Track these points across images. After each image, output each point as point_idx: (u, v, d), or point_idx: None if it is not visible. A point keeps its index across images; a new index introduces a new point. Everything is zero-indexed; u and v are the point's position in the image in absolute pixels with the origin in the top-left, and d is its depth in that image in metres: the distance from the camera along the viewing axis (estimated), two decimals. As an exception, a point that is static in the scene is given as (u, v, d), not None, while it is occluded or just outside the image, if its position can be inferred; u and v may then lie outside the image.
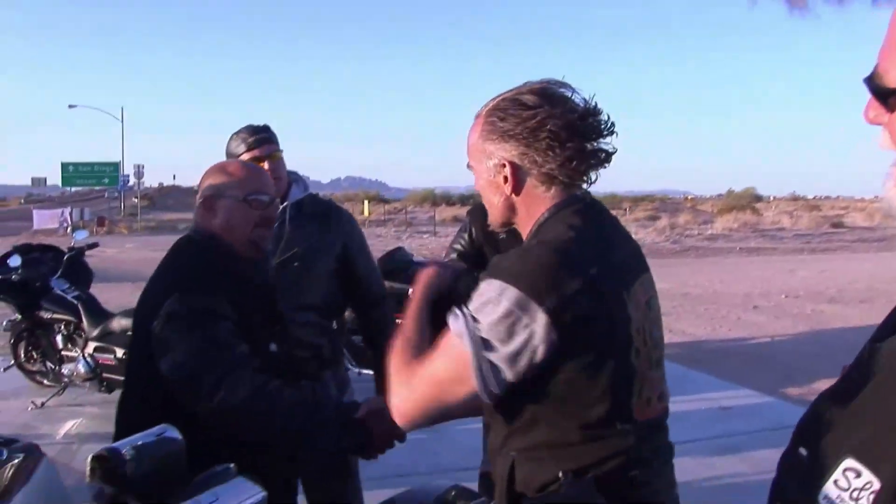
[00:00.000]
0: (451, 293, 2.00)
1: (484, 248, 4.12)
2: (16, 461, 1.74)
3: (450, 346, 1.67)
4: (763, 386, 8.07)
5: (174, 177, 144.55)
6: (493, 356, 1.61)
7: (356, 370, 6.99)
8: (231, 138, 3.29)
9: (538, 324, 1.59)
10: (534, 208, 1.82)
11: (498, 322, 1.60)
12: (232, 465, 1.55)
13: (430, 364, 1.70)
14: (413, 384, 1.72)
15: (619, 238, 1.84)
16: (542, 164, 1.76)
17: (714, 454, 5.85)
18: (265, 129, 3.29)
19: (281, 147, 3.32)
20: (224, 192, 2.38)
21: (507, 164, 1.79)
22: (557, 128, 1.72)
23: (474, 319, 1.63)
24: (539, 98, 1.76)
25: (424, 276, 2.06)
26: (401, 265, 7.26)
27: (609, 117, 1.79)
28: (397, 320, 2.19)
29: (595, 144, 1.78)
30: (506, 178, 1.81)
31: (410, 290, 2.03)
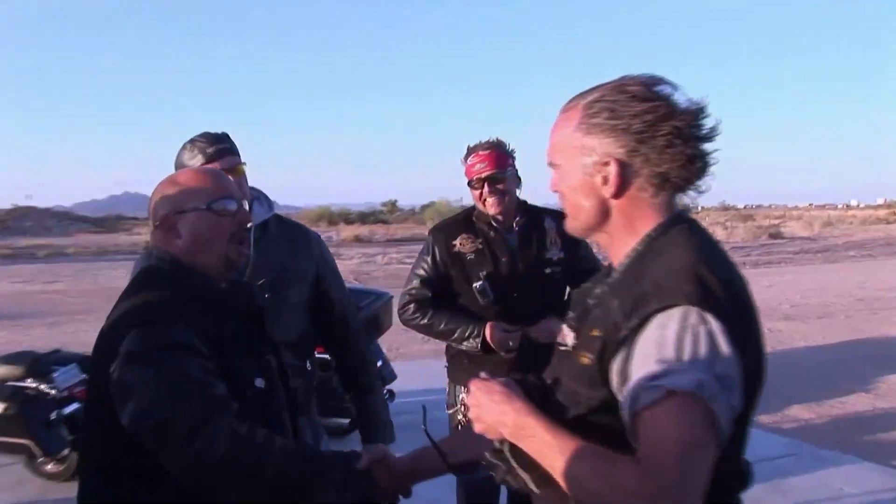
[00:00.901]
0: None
1: (450, 272, 4.09)
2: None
3: (680, 406, 1.53)
4: (734, 414, 8.11)
5: (29, 197, 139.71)
6: (729, 395, 1.58)
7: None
8: (184, 149, 3.14)
9: (736, 347, 1.59)
10: (636, 216, 1.81)
11: (712, 353, 1.57)
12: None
13: (665, 440, 1.52)
14: (664, 472, 1.49)
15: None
16: (657, 163, 1.75)
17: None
18: (225, 138, 3.17)
19: (243, 160, 3.18)
20: (183, 206, 2.28)
21: (612, 161, 1.77)
22: (683, 124, 1.72)
23: (692, 362, 1.55)
24: (650, 92, 1.76)
25: (513, 397, 1.80)
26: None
27: (717, 121, 1.78)
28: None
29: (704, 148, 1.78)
30: (606, 179, 1.79)
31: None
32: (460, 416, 4.10)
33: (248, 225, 2.40)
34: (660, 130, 1.72)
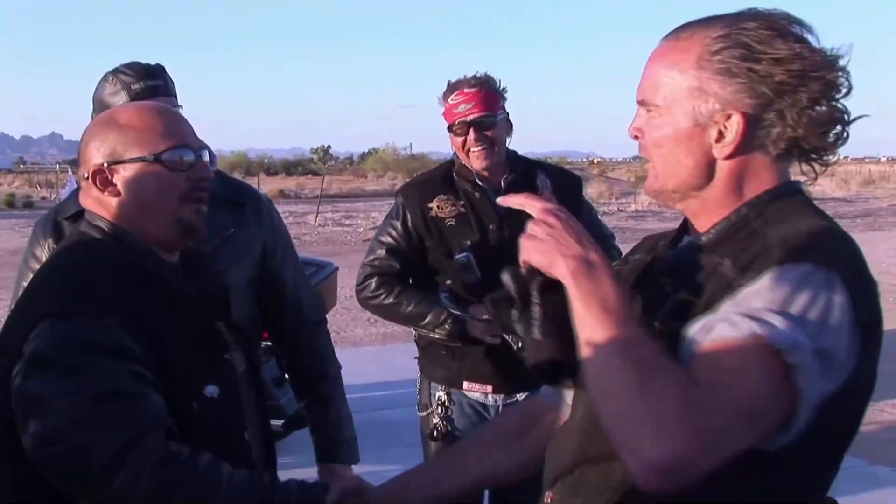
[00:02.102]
0: None
1: (425, 242, 4.08)
2: None
3: (761, 357, 1.51)
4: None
5: None
6: (824, 378, 1.56)
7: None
8: (105, 80, 3.08)
9: (857, 333, 1.60)
10: (747, 179, 1.80)
11: (824, 321, 1.55)
12: None
13: (731, 381, 1.51)
14: (714, 413, 1.49)
15: None
16: (794, 124, 1.71)
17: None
18: (160, 72, 3.09)
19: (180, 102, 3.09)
20: (122, 154, 2.17)
21: (737, 114, 1.73)
22: (835, 79, 1.71)
23: (798, 319, 1.52)
24: (797, 34, 1.73)
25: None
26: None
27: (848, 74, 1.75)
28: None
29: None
30: (722, 134, 1.76)
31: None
32: (436, 420, 4.08)
33: (208, 182, 2.31)
34: (807, 85, 1.69)
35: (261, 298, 3.27)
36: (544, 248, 1.72)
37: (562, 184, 4.21)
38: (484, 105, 3.93)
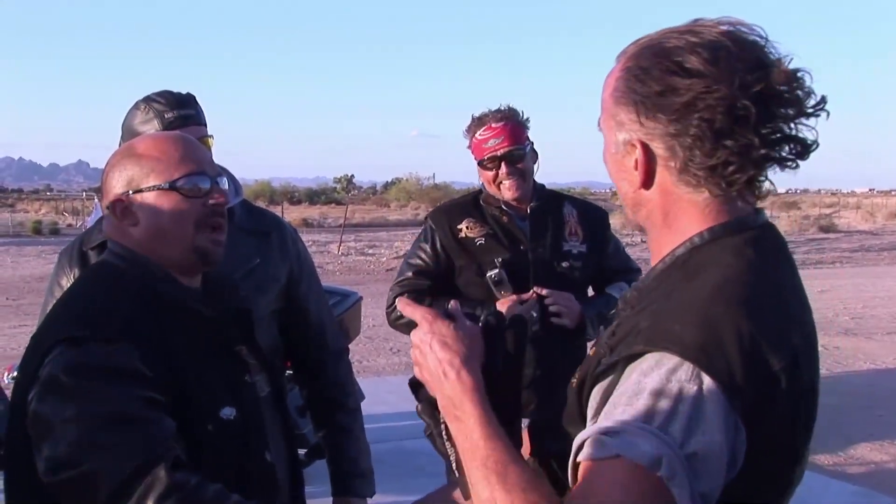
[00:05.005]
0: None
1: (454, 262, 4.13)
2: None
3: (626, 475, 1.45)
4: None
5: None
6: (700, 479, 1.47)
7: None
8: (136, 108, 3.04)
9: (732, 423, 1.50)
10: (676, 214, 1.72)
11: (692, 423, 1.47)
12: None
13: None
14: None
15: (801, 289, 1.74)
16: (686, 159, 1.63)
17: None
18: (190, 101, 3.05)
19: (210, 132, 3.07)
20: (140, 184, 2.20)
21: (638, 144, 1.69)
22: (719, 111, 1.56)
23: (662, 429, 1.46)
24: (705, 53, 1.59)
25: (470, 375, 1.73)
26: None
27: (825, 100, 1.62)
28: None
29: (789, 129, 1.62)
30: (636, 164, 1.71)
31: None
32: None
33: (224, 208, 2.32)
34: (689, 118, 1.58)
35: (284, 327, 3.26)
36: (419, 371, 1.77)
37: (588, 217, 4.30)
38: (512, 138, 3.99)
